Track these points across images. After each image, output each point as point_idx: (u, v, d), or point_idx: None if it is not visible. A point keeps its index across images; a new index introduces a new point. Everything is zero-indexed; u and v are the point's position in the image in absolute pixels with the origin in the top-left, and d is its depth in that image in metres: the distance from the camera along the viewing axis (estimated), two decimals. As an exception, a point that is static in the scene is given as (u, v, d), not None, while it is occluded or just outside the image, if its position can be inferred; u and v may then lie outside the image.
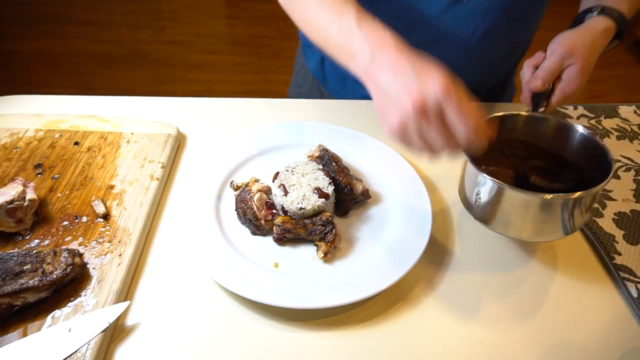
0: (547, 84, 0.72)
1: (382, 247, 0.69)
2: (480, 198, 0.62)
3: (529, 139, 0.70)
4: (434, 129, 0.52)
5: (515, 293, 0.66)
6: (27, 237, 0.68)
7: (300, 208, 0.68)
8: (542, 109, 0.73)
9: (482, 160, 0.66)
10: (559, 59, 0.72)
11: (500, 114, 0.67)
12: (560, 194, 0.57)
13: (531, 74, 0.74)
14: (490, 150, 0.64)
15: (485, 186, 0.61)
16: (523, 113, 0.70)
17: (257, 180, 0.75)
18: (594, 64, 0.74)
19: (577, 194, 0.56)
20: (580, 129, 0.66)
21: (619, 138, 0.92)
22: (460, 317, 0.63)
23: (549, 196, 0.57)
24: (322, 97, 1.11)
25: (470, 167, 0.62)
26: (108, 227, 0.69)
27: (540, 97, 0.73)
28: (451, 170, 0.85)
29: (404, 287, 0.66)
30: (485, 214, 0.63)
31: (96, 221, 0.70)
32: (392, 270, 0.64)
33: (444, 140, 0.53)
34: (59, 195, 0.74)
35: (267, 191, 0.72)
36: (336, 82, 1.06)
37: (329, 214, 0.69)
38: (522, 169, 0.68)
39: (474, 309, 0.64)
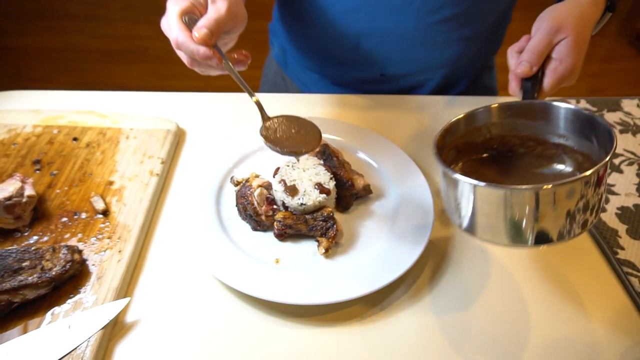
0: (536, 66, 0.63)
1: (384, 243, 0.68)
2: (458, 203, 0.53)
3: (522, 132, 0.61)
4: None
5: (517, 288, 0.66)
6: (26, 234, 0.67)
7: (301, 204, 0.67)
8: (535, 97, 0.62)
9: (469, 161, 0.60)
10: (545, 35, 0.63)
11: (463, 114, 0.60)
12: (535, 185, 0.48)
13: (516, 60, 0.65)
14: (479, 149, 0.61)
15: (459, 187, 0.52)
16: (494, 105, 0.60)
17: (257, 176, 0.74)
18: (588, 39, 0.65)
19: (570, 179, 0.46)
20: (567, 105, 0.56)
21: (621, 132, 0.91)
22: (462, 312, 0.63)
23: (522, 187, 0.48)
24: (284, 82, 1.14)
25: (442, 171, 0.53)
26: (107, 224, 0.69)
27: (529, 84, 0.63)
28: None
29: (406, 283, 0.66)
30: (468, 222, 0.53)
31: (95, 217, 0.70)
32: (394, 266, 0.63)
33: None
34: (58, 191, 0.73)
35: (268, 187, 0.72)
36: (296, 68, 1.10)
37: (330, 209, 0.68)
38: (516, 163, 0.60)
39: (476, 304, 0.64)
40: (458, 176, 0.50)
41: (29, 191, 0.68)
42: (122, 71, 2.83)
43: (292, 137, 0.63)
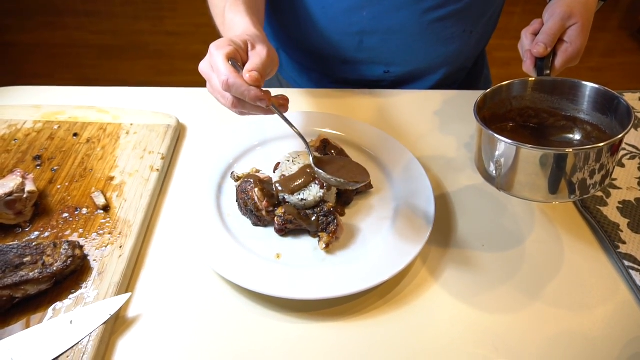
0: (550, 47, 0.70)
1: (384, 238, 0.68)
2: (500, 165, 0.59)
3: (538, 105, 0.69)
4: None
5: (518, 283, 0.66)
6: (27, 229, 0.67)
7: (302, 199, 0.67)
8: (547, 74, 0.71)
9: (495, 129, 0.66)
10: (559, 20, 0.70)
11: (506, 82, 0.67)
12: (581, 147, 0.56)
13: (531, 41, 0.71)
14: (501, 120, 0.68)
15: (503, 150, 0.58)
16: (531, 78, 0.68)
17: (258, 171, 0.74)
18: (591, 24, 0.73)
19: (602, 144, 0.54)
20: (591, 84, 0.64)
21: (623, 126, 0.90)
22: (463, 307, 0.63)
23: (569, 150, 0.56)
24: (280, 85, 1.13)
25: (486, 134, 0.60)
26: (108, 219, 0.69)
27: (543, 63, 0.71)
28: (454, 160, 0.84)
29: (407, 278, 0.66)
30: (507, 181, 0.60)
31: (96, 213, 0.70)
32: (395, 261, 0.63)
33: (220, 92, 0.61)
34: (59, 187, 0.74)
35: (269, 182, 0.72)
36: (292, 70, 1.09)
37: (331, 204, 0.68)
38: (538, 133, 0.68)
39: (477, 299, 0.64)
40: (503, 139, 0.57)
41: (29, 187, 0.68)
42: (122, 67, 2.83)
43: (341, 170, 0.67)
